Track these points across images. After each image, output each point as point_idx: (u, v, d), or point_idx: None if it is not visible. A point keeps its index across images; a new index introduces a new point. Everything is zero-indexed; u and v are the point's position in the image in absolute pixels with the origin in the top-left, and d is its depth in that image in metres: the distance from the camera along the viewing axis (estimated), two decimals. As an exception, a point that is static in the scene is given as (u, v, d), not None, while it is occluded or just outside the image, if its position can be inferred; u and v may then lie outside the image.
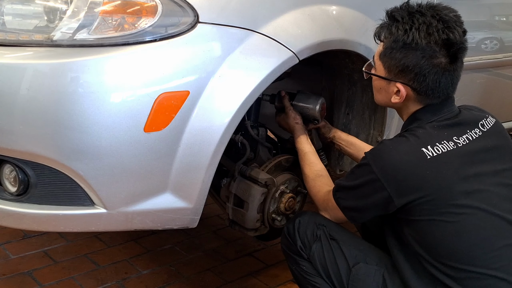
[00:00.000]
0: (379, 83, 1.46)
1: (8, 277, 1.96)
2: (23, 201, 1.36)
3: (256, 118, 1.83)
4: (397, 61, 1.37)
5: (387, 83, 1.42)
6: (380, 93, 1.47)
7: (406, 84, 1.38)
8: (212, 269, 2.10)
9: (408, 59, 1.35)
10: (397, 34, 1.36)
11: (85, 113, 1.25)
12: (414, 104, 1.42)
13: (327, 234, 1.50)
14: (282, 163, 1.75)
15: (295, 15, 1.52)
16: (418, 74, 1.35)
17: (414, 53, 1.34)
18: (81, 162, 1.28)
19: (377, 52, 1.44)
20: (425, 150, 1.29)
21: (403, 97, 1.40)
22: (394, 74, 1.39)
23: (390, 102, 1.44)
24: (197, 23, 1.34)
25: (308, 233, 1.51)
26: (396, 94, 1.41)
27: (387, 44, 1.39)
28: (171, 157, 1.36)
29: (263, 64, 1.42)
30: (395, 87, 1.40)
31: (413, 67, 1.35)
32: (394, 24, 1.38)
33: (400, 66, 1.37)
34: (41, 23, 1.36)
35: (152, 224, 1.45)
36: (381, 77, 1.43)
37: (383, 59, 1.41)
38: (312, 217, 1.55)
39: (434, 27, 1.33)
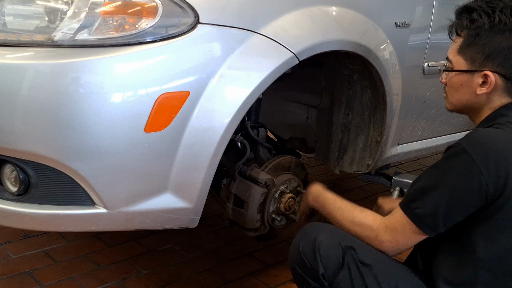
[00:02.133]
0: (459, 79, 1.35)
1: (8, 277, 1.96)
2: (23, 201, 1.36)
3: (256, 118, 1.84)
4: (483, 47, 1.29)
5: (470, 76, 1.32)
6: (461, 90, 1.35)
7: (494, 71, 1.29)
8: (212, 269, 2.10)
9: (495, 42, 1.28)
10: (481, 20, 1.29)
11: (86, 113, 1.25)
12: (500, 96, 1.32)
13: (356, 259, 1.28)
14: (282, 164, 1.76)
15: (295, 16, 1.53)
16: (508, 57, 1.28)
17: (502, 34, 1.28)
18: (82, 162, 1.29)
19: (453, 48, 1.37)
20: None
21: (492, 85, 1.29)
22: (479, 63, 1.31)
23: (472, 97, 1.33)
24: (197, 23, 1.35)
25: (333, 257, 1.29)
26: (482, 86, 1.31)
27: (469, 33, 1.31)
28: (171, 157, 1.36)
29: (263, 65, 1.43)
30: (480, 78, 1.31)
31: (502, 49, 1.28)
32: (474, 12, 1.31)
33: (487, 51, 1.29)
34: (42, 24, 1.36)
35: (152, 224, 1.45)
36: (465, 70, 1.33)
37: (464, 51, 1.33)
38: (336, 236, 1.33)
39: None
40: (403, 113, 2.03)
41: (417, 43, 1.99)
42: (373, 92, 1.88)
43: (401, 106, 1.97)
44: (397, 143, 2.13)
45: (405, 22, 1.88)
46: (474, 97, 1.33)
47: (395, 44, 1.85)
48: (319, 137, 2.13)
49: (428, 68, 2.05)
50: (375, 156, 1.98)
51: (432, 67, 2.05)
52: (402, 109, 1.99)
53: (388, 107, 1.87)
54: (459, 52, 1.34)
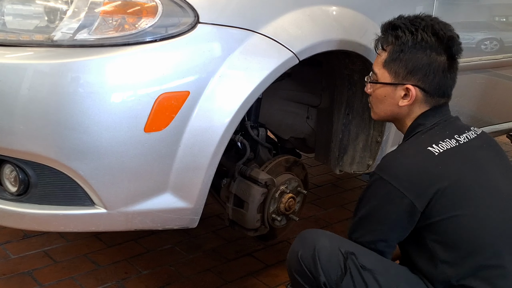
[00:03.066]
0: (383, 91, 1.46)
1: (8, 277, 1.96)
2: (23, 201, 1.36)
3: (256, 118, 1.83)
4: (406, 62, 1.40)
5: (393, 89, 1.43)
6: (384, 102, 1.46)
7: (415, 85, 1.40)
8: (212, 269, 2.10)
9: (417, 59, 1.39)
10: (405, 36, 1.40)
11: (86, 113, 1.25)
12: (420, 107, 1.43)
13: (357, 264, 1.29)
14: (282, 164, 1.76)
15: (295, 15, 1.52)
16: (428, 73, 1.39)
17: (424, 52, 1.39)
18: (82, 162, 1.29)
19: (379, 62, 1.46)
20: (431, 148, 1.32)
21: (413, 98, 1.41)
22: (402, 77, 1.41)
23: (395, 108, 1.44)
24: (197, 23, 1.34)
25: (333, 264, 1.29)
26: (404, 98, 1.42)
27: (394, 49, 1.42)
28: (171, 157, 1.36)
29: (263, 65, 1.42)
30: (403, 91, 1.41)
31: (423, 66, 1.39)
32: (399, 29, 1.42)
33: (410, 67, 1.40)
34: (41, 23, 1.36)
35: (152, 224, 1.45)
36: (389, 83, 1.43)
37: (388, 65, 1.43)
38: (334, 242, 1.34)
39: (437, 28, 1.40)
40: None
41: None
42: (373, 92, 1.87)
43: (401, 106, 1.96)
44: (398, 143, 2.13)
45: (405, 22, 1.88)
46: (397, 108, 1.44)
47: (396, 43, 1.84)
48: (319, 137, 2.13)
49: (428, 68, 2.04)
50: (376, 156, 1.97)
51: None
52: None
53: (389, 107, 1.86)
54: (384, 66, 1.44)
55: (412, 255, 1.38)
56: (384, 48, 1.45)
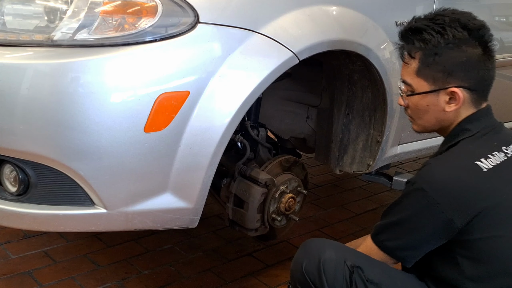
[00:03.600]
0: (425, 101, 1.33)
1: (8, 277, 1.96)
2: (23, 201, 1.36)
3: (256, 118, 1.83)
4: (443, 65, 1.29)
5: (436, 96, 1.31)
6: (429, 111, 1.34)
7: (459, 86, 1.29)
8: (212, 269, 2.10)
9: (454, 58, 1.28)
10: (434, 38, 1.29)
11: (86, 113, 1.25)
12: (466, 109, 1.32)
13: (364, 278, 1.26)
14: (282, 163, 1.76)
15: (295, 15, 1.52)
16: (469, 69, 1.29)
17: (459, 48, 1.28)
18: (81, 162, 1.29)
19: (409, 71, 1.34)
20: (480, 163, 1.23)
21: (460, 100, 1.30)
22: (442, 81, 1.30)
23: (441, 115, 1.33)
24: (197, 23, 1.34)
25: (339, 278, 1.26)
26: (449, 102, 1.31)
27: (425, 54, 1.30)
28: (171, 157, 1.36)
29: (263, 64, 1.42)
30: (447, 95, 1.30)
31: (462, 63, 1.28)
32: (424, 32, 1.31)
33: (448, 68, 1.29)
34: (41, 23, 1.36)
35: (152, 224, 1.45)
36: (430, 91, 1.31)
37: (423, 72, 1.31)
38: (340, 254, 1.30)
39: (464, 20, 1.30)
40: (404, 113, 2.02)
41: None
42: (374, 92, 1.87)
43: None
44: (398, 143, 2.13)
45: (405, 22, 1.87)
46: (443, 114, 1.34)
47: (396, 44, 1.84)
48: (319, 137, 2.13)
49: (428, 67, 2.04)
50: (376, 156, 1.97)
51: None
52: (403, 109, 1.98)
53: (389, 107, 1.86)
54: (418, 74, 1.33)
55: (434, 264, 1.31)
56: (412, 55, 1.33)
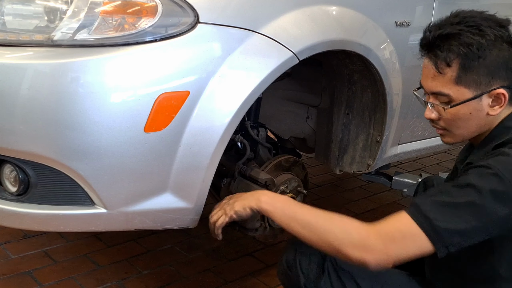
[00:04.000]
0: (467, 109, 1.25)
1: (8, 277, 1.96)
2: (23, 201, 1.36)
3: (256, 118, 1.83)
4: (487, 67, 1.22)
5: (478, 101, 1.24)
6: (471, 119, 1.26)
7: (503, 86, 1.23)
8: (212, 269, 2.10)
9: (496, 58, 1.22)
10: (475, 41, 1.21)
11: (86, 113, 1.25)
12: (506, 109, 1.27)
13: (335, 265, 1.28)
14: (282, 163, 1.76)
15: (295, 15, 1.52)
16: (510, 67, 1.23)
17: (500, 47, 1.22)
18: (81, 162, 1.29)
19: (446, 80, 1.25)
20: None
21: (506, 101, 1.24)
22: (485, 85, 1.23)
23: (483, 120, 1.27)
24: (197, 23, 1.34)
25: (313, 266, 1.30)
26: (492, 105, 1.25)
27: (467, 58, 1.22)
28: (171, 157, 1.36)
29: (263, 64, 1.42)
30: (489, 98, 1.24)
31: (504, 63, 1.22)
32: (461, 37, 1.23)
33: (492, 69, 1.22)
34: (41, 23, 1.36)
35: (152, 224, 1.45)
36: (474, 97, 1.24)
37: (464, 79, 1.23)
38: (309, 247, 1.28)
39: (495, 19, 1.26)
40: (404, 113, 2.02)
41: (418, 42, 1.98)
42: (374, 92, 1.87)
43: (401, 106, 1.97)
44: (398, 143, 2.13)
45: (405, 22, 1.88)
46: (486, 119, 1.27)
47: (396, 43, 1.85)
48: (319, 137, 2.13)
49: (428, 67, 2.04)
50: (376, 156, 1.97)
51: (432, 67, 2.05)
52: (403, 108, 1.99)
53: (389, 107, 1.86)
54: (457, 83, 1.24)
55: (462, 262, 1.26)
56: (449, 63, 1.23)
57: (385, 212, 1.56)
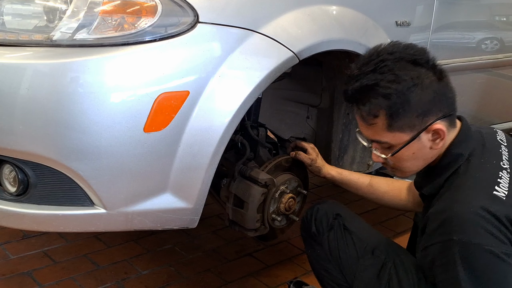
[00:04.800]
0: (409, 150, 1.26)
1: (7, 277, 1.95)
2: (22, 201, 1.35)
3: (256, 118, 1.83)
4: (415, 109, 1.21)
5: (417, 141, 1.25)
6: (416, 157, 1.28)
7: (437, 120, 1.23)
8: (212, 269, 2.10)
9: (421, 97, 1.20)
10: (392, 89, 1.20)
11: (85, 113, 1.25)
12: (450, 135, 1.28)
13: (341, 224, 1.54)
14: (282, 163, 1.75)
15: (295, 15, 1.52)
16: (439, 100, 1.23)
17: (420, 86, 1.20)
18: (81, 162, 1.28)
19: (378, 130, 1.26)
20: (497, 193, 1.17)
21: (444, 134, 1.24)
22: (419, 124, 1.23)
23: (428, 155, 1.28)
24: (197, 23, 1.34)
25: (323, 221, 1.57)
26: (434, 140, 1.25)
27: (391, 107, 1.21)
28: (171, 157, 1.36)
29: (263, 64, 1.42)
30: (428, 134, 1.24)
31: (432, 99, 1.22)
32: (378, 87, 1.21)
33: (421, 110, 1.21)
34: (40, 23, 1.36)
35: (151, 225, 1.45)
36: (412, 139, 1.24)
37: (396, 125, 1.23)
38: (331, 206, 1.60)
39: (407, 56, 1.23)
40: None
41: (418, 42, 1.98)
42: (374, 92, 1.87)
43: (401, 106, 1.96)
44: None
45: (405, 21, 1.88)
46: (430, 153, 1.28)
47: (396, 43, 1.84)
48: (320, 137, 2.13)
49: (428, 67, 2.04)
50: (376, 156, 1.97)
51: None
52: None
53: (389, 107, 1.86)
54: (390, 130, 1.24)
55: None
56: (375, 115, 1.23)
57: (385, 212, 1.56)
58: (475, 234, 1.11)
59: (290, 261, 2.21)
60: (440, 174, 1.30)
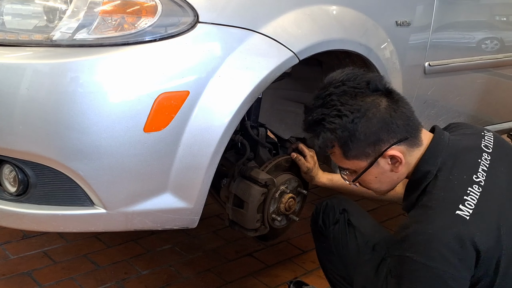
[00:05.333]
0: (372, 174, 1.33)
1: (7, 277, 1.95)
2: (22, 201, 1.35)
3: (256, 118, 1.83)
4: (364, 140, 1.26)
5: (377, 165, 1.30)
6: (380, 180, 1.34)
7: (391, 146, 1.28)
8: (212, 269, 2.10)
9: (368, 126, 1.25)
10: (336, 125, 1.26)
11: (85, 113, 1.25)
12: (411, 156, 1.31)
13: (346, 219, 1.60)
14: (282, 163, 1.75)
15: (295, 15, 1.52)
16: (388, 126, 1.26)
17: (366, 117, 1.25)
18: (81, 162, 1.28)
19: (338, 158, 1.33)
20: (460, 212, 1.16)
21: (402, 158, 1.28)
22: (374, 152, 1.28)
23: (394, 176, 1.33)
24: (197, 23, 1.34)
25: (330, 215, 1.63)
26: (393, 164, 1.30)
27: (340, 140, 1.27)
28: (171, 157, 1.36)
29: (263, 64, 1.42)
30: (386, 159, 1.29)
31: (379, 128, 1.25)
32: (325, 122, 1.27)
33: (370, 139, 1.26)
34: (40, 23, 1.36)
35: (152, 225, 1.45)
36: (370, 166, 1.30)
37: (351, 154, 1.29)
38: (340, 202, 1.65)
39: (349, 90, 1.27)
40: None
41: (418, 42, 1.98)
42: (374, 92, 1.87)
43: (401, 106, 1.96)
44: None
45: (405, 21, 1.88)
46: (394, 175, 1.33)
47: (396, 43, 1.85)
48: (319, 137, 2.12)
49: (429, 67, 2.04)
50: (376, 156, 1.97)
51: (432, 67, 2.05)
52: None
53: (389, 107, 1.86)
54: (348, 158, 1.31)
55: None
56: (330, 145, 1.30)
57: (385, 212, 1.56)
58: (426, 255, 1.14)
59: (290, 261, 2.21)
60: (412, 191, 1.33)
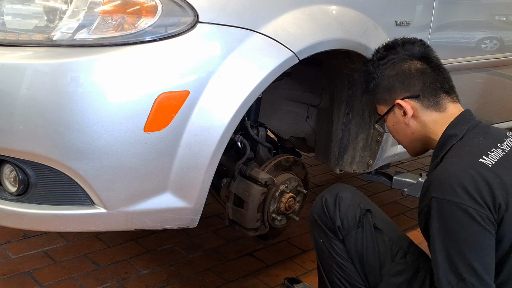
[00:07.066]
0: (390, 122, 1.50)
1: (8, 277, 1.96)
2: (23, 201, 1.36)
3: (256, 118, 1.83)
4: (380, 86, 1.47)
5: (393, 115, 1.48)
6: (397, 129, 1.49)
7: (403, 98, 1.43)
8: (212, 269, 2.10)
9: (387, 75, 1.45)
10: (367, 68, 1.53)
11: (85, 113, 1.25)
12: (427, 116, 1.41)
13: (371, 222, 1.45)
14: (282, 163, 1.75)
15: (295, 15, 1.52)
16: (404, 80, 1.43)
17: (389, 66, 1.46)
18: (81, 162, 1.28)
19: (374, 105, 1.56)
20: (483, 160, 1.21)
21: (408, 110, 1.41)
22: (389, 100, 1.46)
23: (408, 129, 1.45)
24: (197, 23, 1.34)
25: (350, 215, 1.45)
26: (405, 116, 1.44)
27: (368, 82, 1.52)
28: (171, 157, 1.36)
29: (263, 64, 1.42)
30: (398, 110, 1.45)
31: (394, 78, 1.44)
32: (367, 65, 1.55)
33: (385, 87, 1.46)
34: (41, 23, 1.36)
35: (152, 224, 1.45)
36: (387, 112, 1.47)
37: (376, 99, 1.51)
38: (356, 197, 1.50)
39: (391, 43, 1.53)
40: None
41: (418, 42, 1.98)
42: (374, 91, 1.87)
43: (401, 105, 1.96)
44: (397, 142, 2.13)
45: (405, 21, 1.88)
46: (407, 128, 1.45)
47: (396, 43, 1.84)
48: (319, 137, 2.13)
49: (428, 67, 2.04)
50: (376, 155, 1.97)
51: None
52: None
53: (389, 106, 1.86)
54: (375, 102, 1.53)
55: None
56: (367, 87, 1.54)
57: (385, 211, 1.56)
58: (451, 192, 1.17)
59: (290, 261, 2.21)
60: (437, 154, 1.38)
